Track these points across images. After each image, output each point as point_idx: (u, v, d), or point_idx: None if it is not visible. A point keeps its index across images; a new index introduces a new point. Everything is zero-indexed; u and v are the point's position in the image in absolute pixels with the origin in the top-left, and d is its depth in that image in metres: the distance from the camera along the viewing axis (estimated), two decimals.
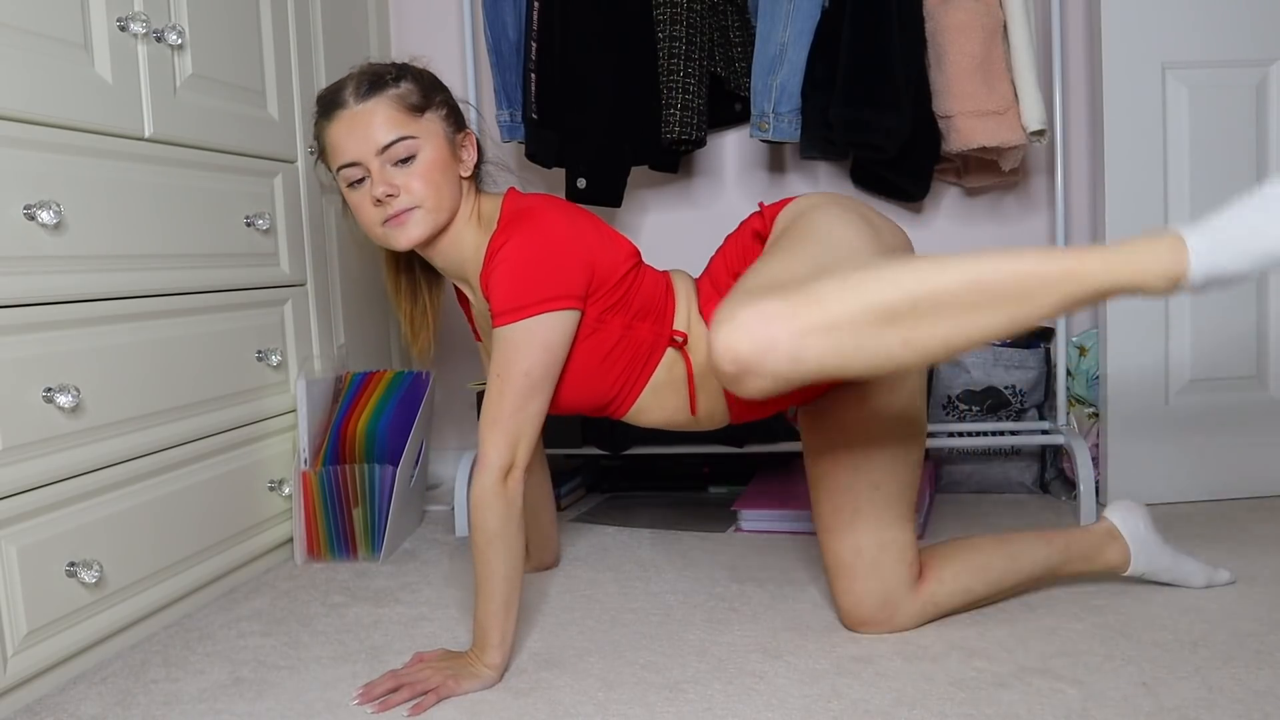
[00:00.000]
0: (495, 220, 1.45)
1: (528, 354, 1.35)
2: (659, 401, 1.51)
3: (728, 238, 1.54)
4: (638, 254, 1.50)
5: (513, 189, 1.52)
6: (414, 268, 1.59)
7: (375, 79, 1.40)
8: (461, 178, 1.47)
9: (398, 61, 1.46)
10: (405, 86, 1.41)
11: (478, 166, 1.52)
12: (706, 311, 1.48)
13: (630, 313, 1.46)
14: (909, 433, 1.45)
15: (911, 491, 1.46)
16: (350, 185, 1.42)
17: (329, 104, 1.41)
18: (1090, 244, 1.21)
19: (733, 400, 1.49)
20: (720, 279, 1.49)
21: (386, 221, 1.41)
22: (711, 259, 1.54)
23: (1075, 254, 1.07)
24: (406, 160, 1.39)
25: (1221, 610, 1.49)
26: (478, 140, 1.52)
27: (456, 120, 1.47)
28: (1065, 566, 1.52)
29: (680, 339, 1.47)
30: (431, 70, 1.50)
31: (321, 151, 1.45)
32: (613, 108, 2.04)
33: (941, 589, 1.46)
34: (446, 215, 1.44)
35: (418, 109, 1.40)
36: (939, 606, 1.47)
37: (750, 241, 1.47)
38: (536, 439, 1.38)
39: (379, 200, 1.39)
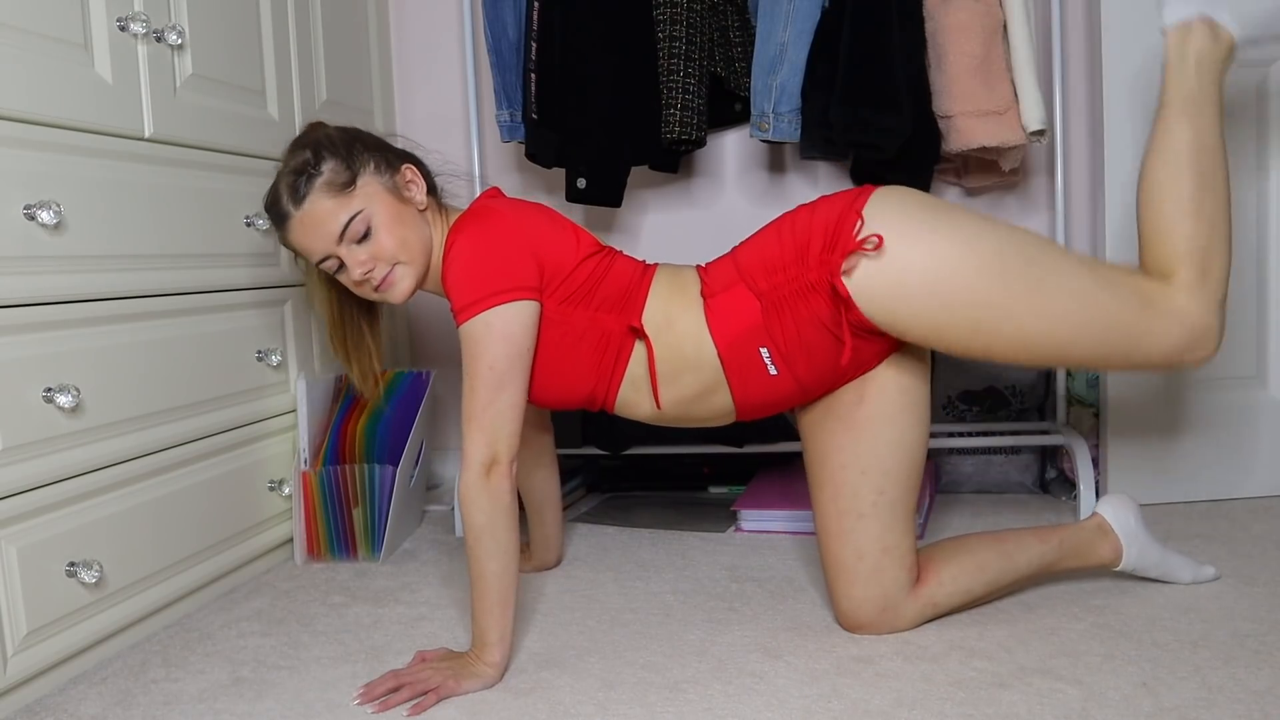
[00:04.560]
0: None
1: (488, 348, 1.36)
2: (639, 395, 1.48)
3: (767, 233, 1.45)
4: (598, 245, 1.48)
5: (486, 191, 1.55)
6: (353, 313, 1.62)
7: (300, 176, 1.43)
8: (420, 211, 1.49)
9: (311, 137, 1.48)
10: (327, 169, 1.43)
11: (432, 191, 1.53)
12: (714, 295, 1.42)
13: (593, 304, 1.44)
14: (915, 436, 1.44)
15: (914, 495, 1.46)
16: (334, 274, 1.49)
17: (277, 217, 1.47)
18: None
19: (739, 394, 1.44)
20: (751, 271, 1.41)
21: (376, 289, 1.47)
22: (743, 246, 1.47)
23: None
24: (366, 234, 1.44)
25: (1221, 610, 1.49)
26: (419, 163, 1.53)
27: (389, 163, 1.48)
28: (1060, 563, 1.53)
29: (637, 329, 1.43)
30: (354, 125, 1.55)
31: (295, 253, 1.52)
32: (613, 107, 2.04)
33: (940, 591, 1.46)
34: (424, 256, 1.49)
35: (348, 184, 1.44)
36: (938, 608, 1.47)
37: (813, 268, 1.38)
38: (517, 432, 1.37)
39: (360, 281, 1.46)
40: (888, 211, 1.36)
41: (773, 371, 1.41)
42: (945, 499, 2.22)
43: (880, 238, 1.33)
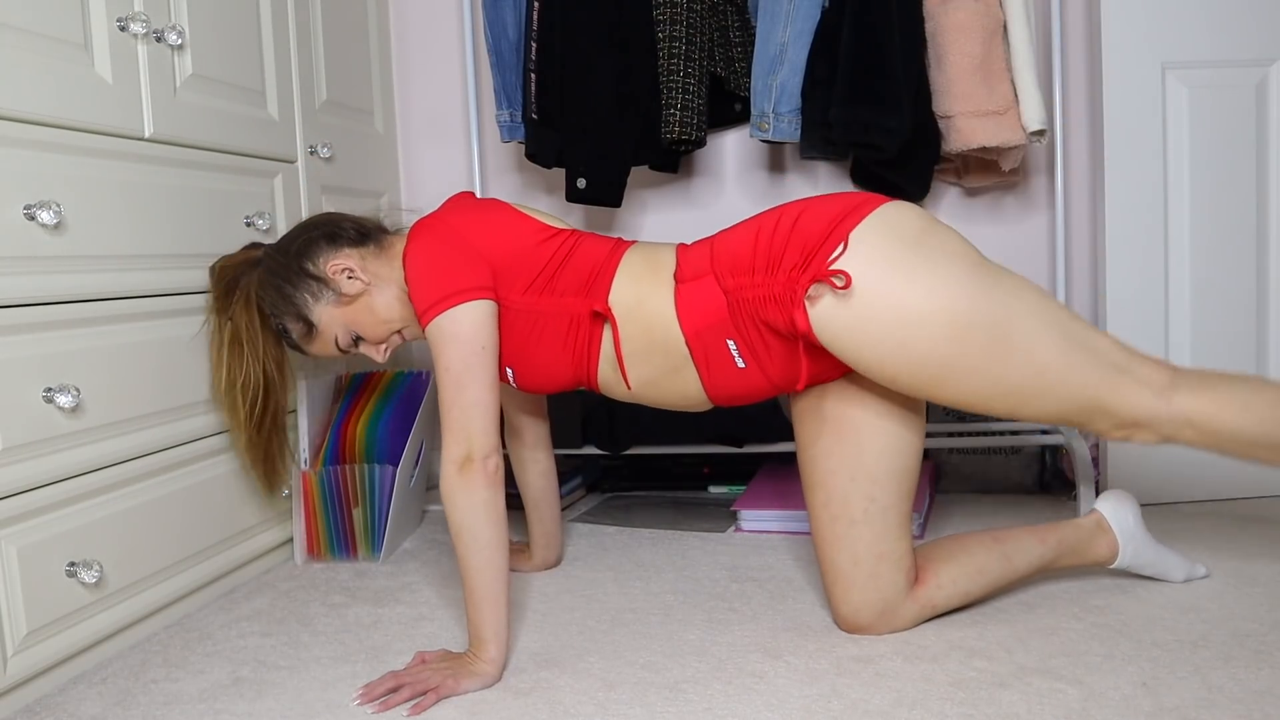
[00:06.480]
0: None
1: (442, 351, 1.38)
2: (616, 375, 1.47)
3: (748, 227, 1.42)
4: (553, 230, 1.48)
5: (451, 198, 1.57)
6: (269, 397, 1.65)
7: (285, 336, 1.58)
8: (367, 285, 1.53)
9: (261, 301, 1.57)
10: (291, 328, 1.55)
11: (367, 239, 1.56)
12: (684, 281, 1.41)
13: (557, 290, 1.44)
14: (904, 443, 1.43)
15: (908, 500, 1.45)
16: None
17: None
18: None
19: (708, 382, 1.43)
20: (721, 264, 1.40)
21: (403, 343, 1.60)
22: (723, 235, 1.45)
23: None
24: (355, 338, 1.56)
25: (1221, 610, 1.49)
26: (337, 240, 1.55)
27: (320, 280, 1.52)
28: (1057, 561, 1.54)
29: (600, 312, 1.43)
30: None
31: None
32: (613, 108, 2.05)
33: (939, 593, 1.46)
34: (402, 307, 1.54)
35: (310, 331, 1.55)
36: (936, 609, 1.47)
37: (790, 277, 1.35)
38: (489, 428, 1.36)
39: (387, 358, 1.61)
40: (871, 244, 1.31)
41: (740, 364, 1.41)
42: (945, 499, 2.22)
43: (849, 276, 1.29)
